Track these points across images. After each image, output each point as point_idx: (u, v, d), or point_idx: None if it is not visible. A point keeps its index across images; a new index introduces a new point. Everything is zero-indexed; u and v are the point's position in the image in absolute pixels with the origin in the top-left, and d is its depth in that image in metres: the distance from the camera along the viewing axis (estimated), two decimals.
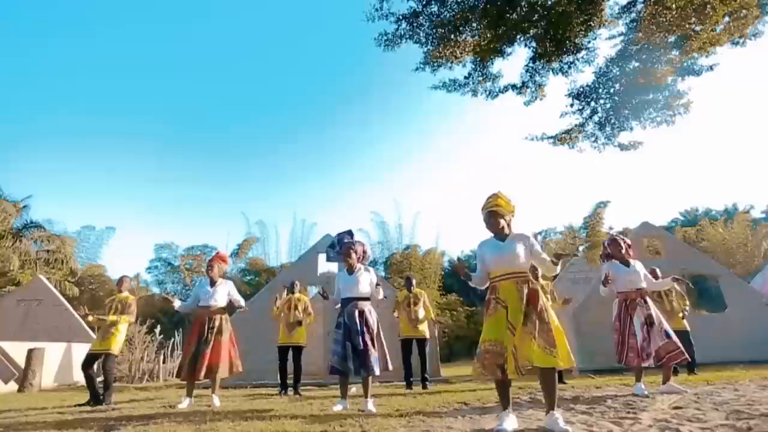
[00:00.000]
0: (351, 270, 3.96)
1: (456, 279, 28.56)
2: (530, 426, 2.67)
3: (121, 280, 5.39)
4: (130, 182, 44.60)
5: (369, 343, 3.61)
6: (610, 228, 26.38)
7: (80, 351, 9.87)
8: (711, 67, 5.85)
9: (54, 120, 39.14)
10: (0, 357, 8.05)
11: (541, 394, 3.99)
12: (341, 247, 4.17)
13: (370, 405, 3.54)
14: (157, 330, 13.95)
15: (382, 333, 3.85)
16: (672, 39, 6.05)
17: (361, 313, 3.76)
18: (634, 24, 6.20)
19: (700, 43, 6.13)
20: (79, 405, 4.67)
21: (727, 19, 6.25)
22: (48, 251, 17.04)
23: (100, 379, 5.13)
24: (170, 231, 52.66)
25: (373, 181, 52.14)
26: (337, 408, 3.64)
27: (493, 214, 2.93)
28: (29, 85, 39.51)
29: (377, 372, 3.56)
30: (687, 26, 5.21)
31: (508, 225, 2.97)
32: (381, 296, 3.91)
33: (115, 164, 44.32)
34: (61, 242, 17.87)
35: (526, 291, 2.69)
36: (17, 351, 8.52)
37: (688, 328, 6.11)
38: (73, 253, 18.90)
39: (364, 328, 3.67)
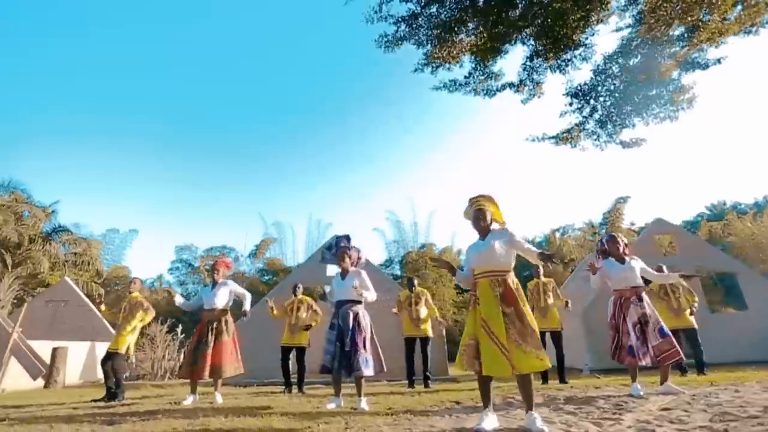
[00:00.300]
0: (344, 274, 4.08)
1: None
2: (511, 425, 2.71)
3: (131, 282, 5.70)
4: (149, 184, 46.10)
5: (360, 344, 3.71)
6: (632, 223, 25.78)
7: (103, 350, 10.36)
8: (719, 60, 5.64)
9: (71, 120, 40.80)
10: (29, 355, 8.56)
11: (539, 395, 4.03)
12: (337, 250, 4.29)
13: (363, 403, 3.63)
14: (179, 329, 14.45)
15: (375, 335, 3.95)
16: (677, 32, 5.89)
17: (355, 315, 3.86)
18: (641, 16, 6.07)
19: (708, 34, 5.95)
20: (95, 400, 4.96)
21: (739, 7, 6.04)
22: (75, 254, 17.86)
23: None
24: (190, 232, 54.09)
25: (388, 180, 52.30)
26: (331, 406, 3.76)
27: (481, 213, 2.99)
28: (44, 83, 41.32)
29: (366, 373, 3.65)
30: (689, 18, 5.06)
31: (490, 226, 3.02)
32: (371, 299, 3.99)
33: (134, 166, 45.83)
34: (87, 245, 18.71)
35: (500, 289, 2.74)
36: (45, 350, 9.04)
37: (696, 326, 5.95)
38: (99, 256, 19.74)
39: (356, 330, 3.77)
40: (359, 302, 3.96)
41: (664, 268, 6.44)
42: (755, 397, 3.41)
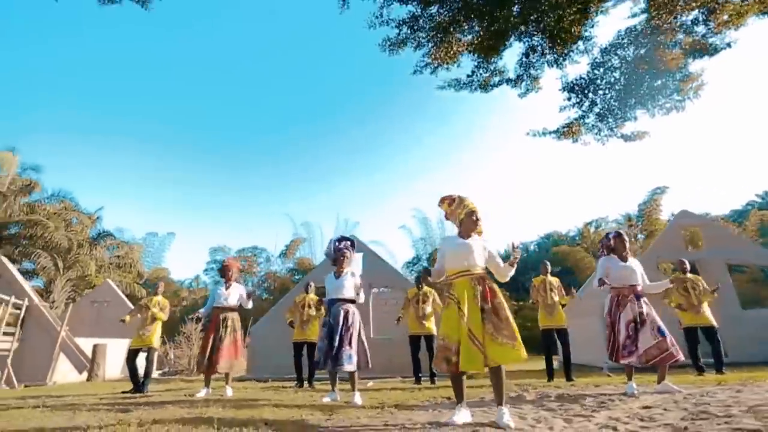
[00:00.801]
0: (339, 274, 4.31)
1: None
2: (482, 420, 2.84)
3: (158, 286, 6.29)
4: (183, 188, 48.48)
5: (346, 340, 3.93)
6: (672, 214, 24.42)
7: None
8: (728, 44, 5.35)
9: (102, 124, 43.54)
10: (75, 351, 9.43)
11: (534, 392, 4.09)
12: (340, 251, 4.49)
13: (357, 397, 3.85)
14: None
15: (363, 333, 4.16)
16: (690, 17, 5.66)
17: (345, 313, 4.09)
18: (647, 4, 5.89)
19: (727, 15, 5.69)
20: (124, 392, 5.49)
21: None
22: (118, 257, 19.24)
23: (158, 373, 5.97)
24: (223, 234, 56.48)
25: (414, 178, 52.20)
26: (326, 399, 4.01)
27: (477, 215, 3.11)
28: (66, 83, 44.23)
29: (349, 368, 3.86)
30: (695, 4, 4.85)
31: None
32: (361, 300, 4.22)
33: (168, 170, 48.29)
34: (129, 248, 20.10)
35: (480, 288, 2.86)
36: (90, 346, 9.93)
37: (715, 324, 5.73)
38: (140, 258, 21.13)
39: (344, 327, 3.99)
40: (351, 301, 4.18)
41: (687, 264, 6.25)
42: (753, 397, 3.32)
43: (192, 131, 48.89)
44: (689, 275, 6.16)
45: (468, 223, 3.08)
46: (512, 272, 2.99)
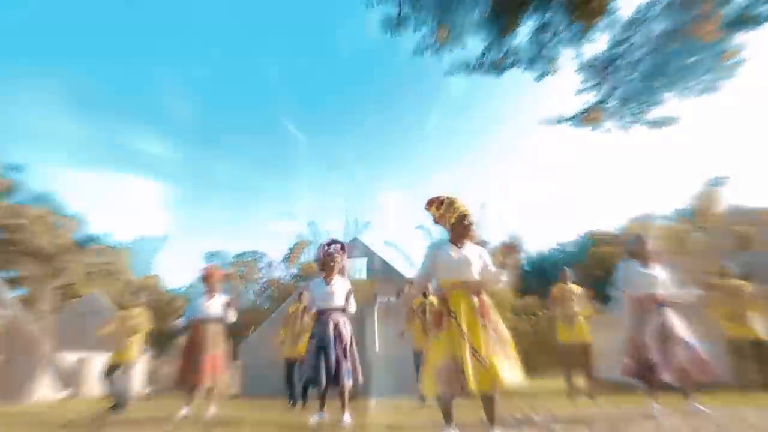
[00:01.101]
0: (328, 281, 4.40)
1: (536, 279, 27.80)
2: None
3: (137, 295, 6.56)
4: (174, 188, 49.36)
5: (341, 355, 4.02)
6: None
7: None
8: None
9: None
10: (58, 367, 9.85)
11: (548, 412, 4.12)
12: (330, 255, 4.59)
13: (346, 417, 3.94)
14: None
15: (355, 346, 4.25)
16: None
17: (336, 325, 4.17)
18: None
19: None
20: (105, 410, 5.74)
21: None
22: (105, 263, 19.86)
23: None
24: (220, 237, 57.44)
25: (435, 172, 51.94)
26: (314, 419, 4.11)
27: (469, 219, 3.16)
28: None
29: (349, 384, 3.96)
30: None
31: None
32: (352, 310, 4.31)
33: (160, 170, 49.35)
34: (117, 254, 20.71)
35: (477, 301, 2.93)
36: (74, 360, 10.36)
37: (764, 336, 5.62)
38: (128, 265, 21.73)
39: (337, 341, 4.09)
40: (342, 310, 4.28)
41: (730, 267, 6.14)
42: None
43: (189, 128, 49.95)
44: (733, 281, 6.04)
45: (459, 228, 3.10)
46: (503, 277, 3.03)
